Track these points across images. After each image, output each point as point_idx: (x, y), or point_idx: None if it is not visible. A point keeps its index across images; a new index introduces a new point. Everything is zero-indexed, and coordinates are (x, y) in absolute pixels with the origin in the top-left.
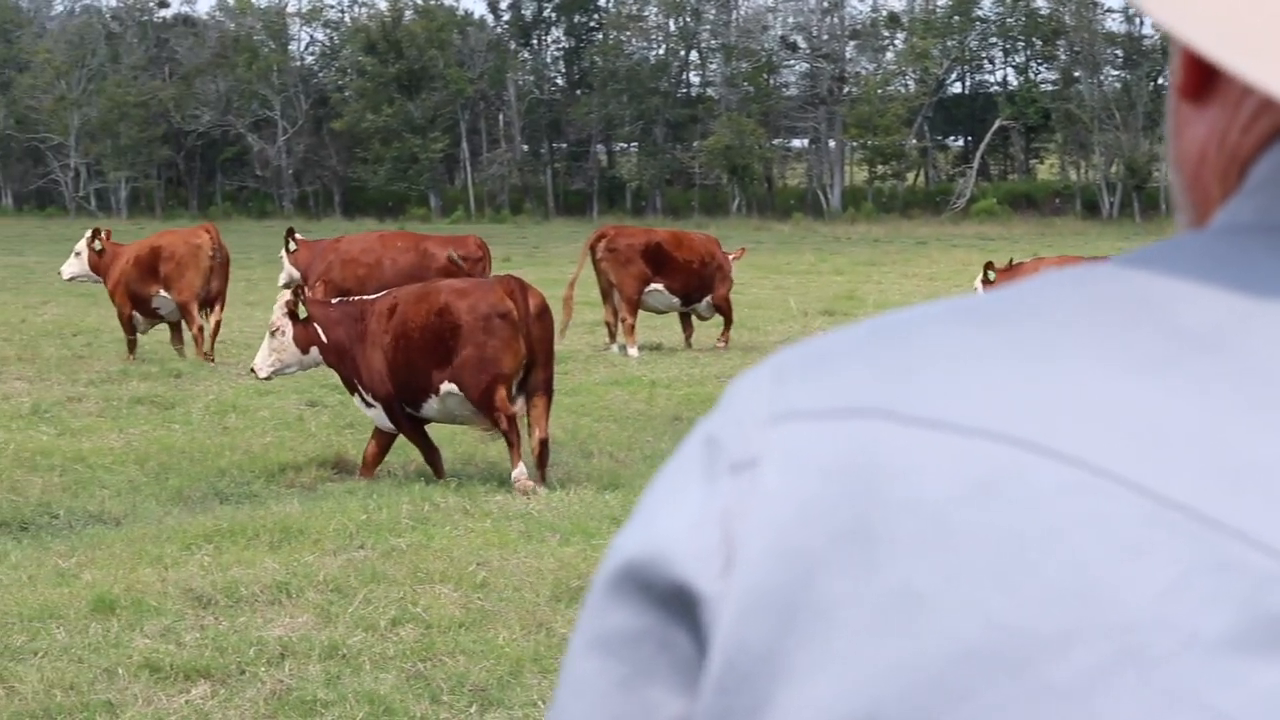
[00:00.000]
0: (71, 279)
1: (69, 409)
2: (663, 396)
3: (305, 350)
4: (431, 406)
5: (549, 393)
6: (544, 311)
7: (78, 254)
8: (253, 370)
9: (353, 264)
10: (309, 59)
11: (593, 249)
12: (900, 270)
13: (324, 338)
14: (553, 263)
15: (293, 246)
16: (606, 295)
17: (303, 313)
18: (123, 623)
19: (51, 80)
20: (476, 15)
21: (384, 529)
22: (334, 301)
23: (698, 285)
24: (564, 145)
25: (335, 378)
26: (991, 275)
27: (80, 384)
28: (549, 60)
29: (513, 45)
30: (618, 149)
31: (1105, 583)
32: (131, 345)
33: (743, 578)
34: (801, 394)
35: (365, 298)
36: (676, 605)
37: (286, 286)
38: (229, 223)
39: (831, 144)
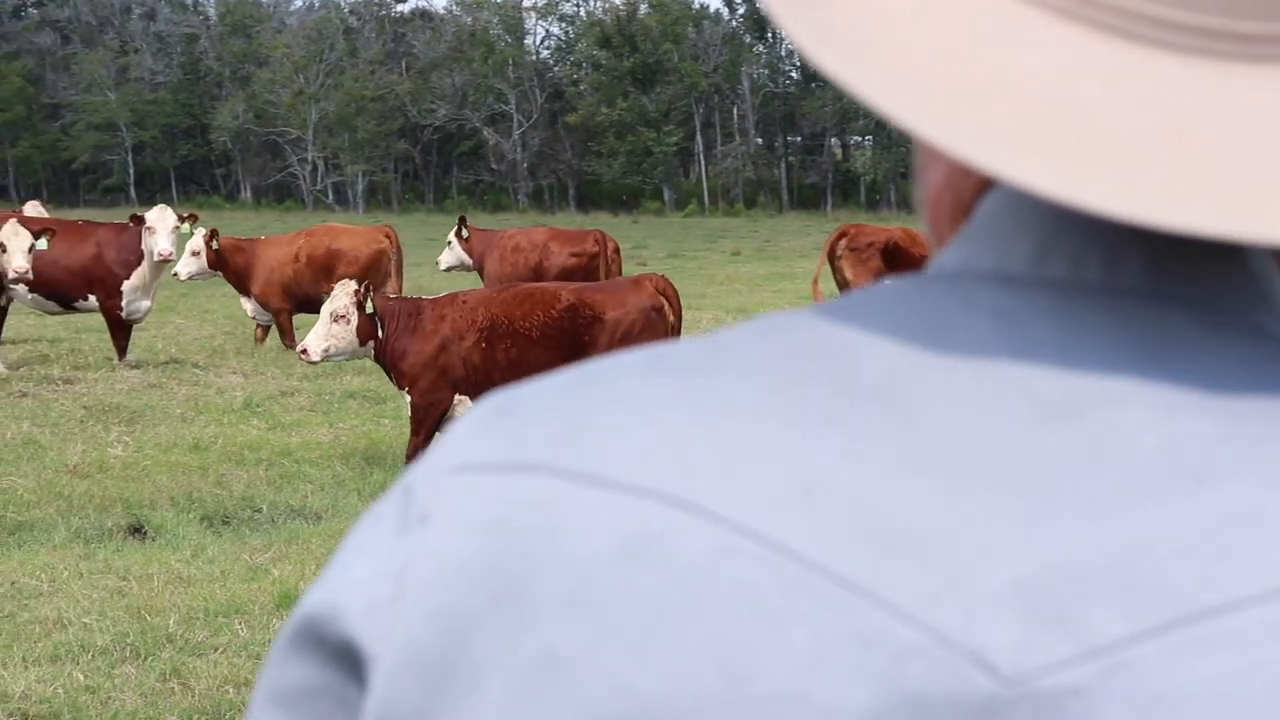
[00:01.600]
0: (189, 278)
1: (281, 403)
2: None
3: (363, 343)
4: None
5: None
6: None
7: (195, 254)
8: (303, 352)
9: (515, 256)
10: (544, 53)
11: (833, 247)
12: None
13: (381, 333)
14: (781, 257)
15: (465, 234)
16: (842, 291)
17: (369, 307)
18: None
19: (290, 75)
20: (711, 9)
21: None
22: (391, 298)
23: None
24: (798, 138)
25: None
26: None
27: (294, 378)
28: (784, 53)
29: (748, 38)
30: (852, 142)
31: (745, 653)
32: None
33: (398, 636)
34: (481, 445)
35: (424, 297)
36: (348, 662)
37: (449, 270)
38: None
39: None
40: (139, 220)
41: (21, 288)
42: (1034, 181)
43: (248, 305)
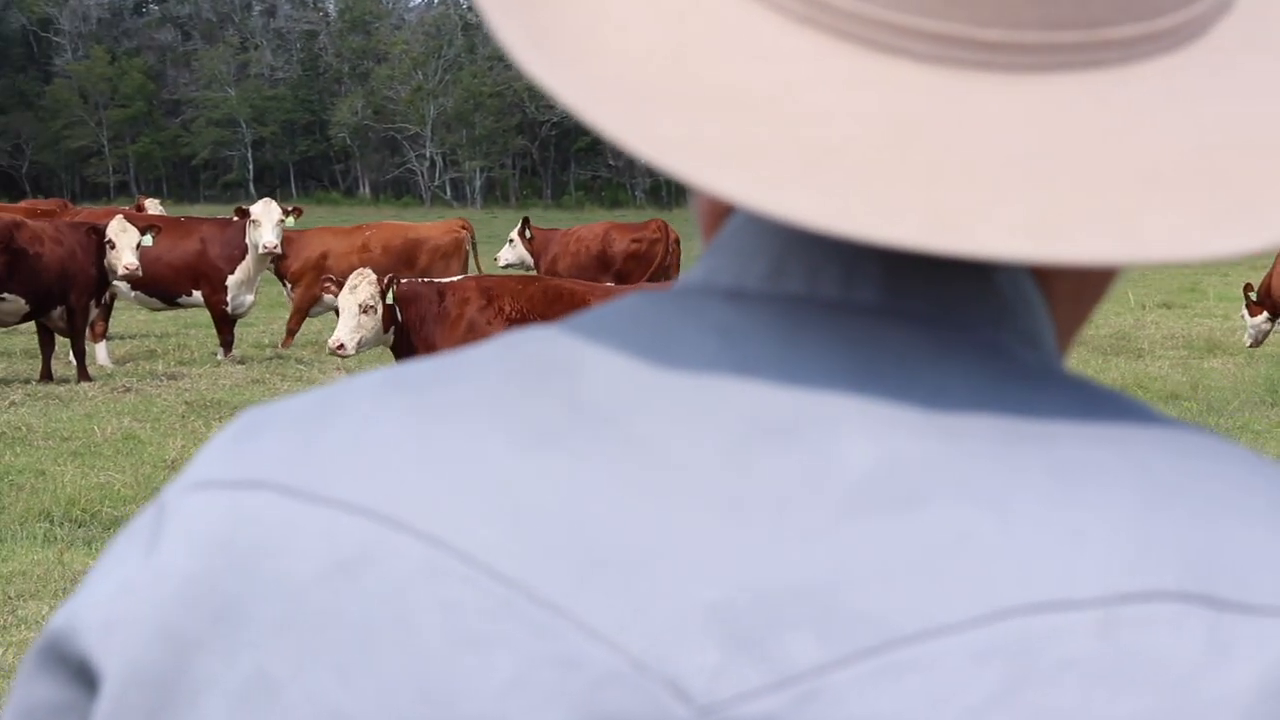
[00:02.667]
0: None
1: None
2: None
3: (386, 330)
4: None
5: None
6: None
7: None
8: (339, 347)
9: (579, 246)
10: None
11: None
12: (1250, 261)
13: (399, 318)
14: None
15: (529, 234)
16: None
17: (390, 298)
18: None
19: (408, 71)
20: None
21: None
22: (403, 282)
23: None
24: None
25: None
26: (1253, 295)
27: None
28: None
29: None
30: None
31: (446, 675)
32: None
33: (125, 655)
34: (222, 461)
35: (439, 280)
36: (87, 680)
37: (507, 267)
38: (581, 212)
39: None
40: (243, 214)
41: (124, 284)
42: (732, 190)
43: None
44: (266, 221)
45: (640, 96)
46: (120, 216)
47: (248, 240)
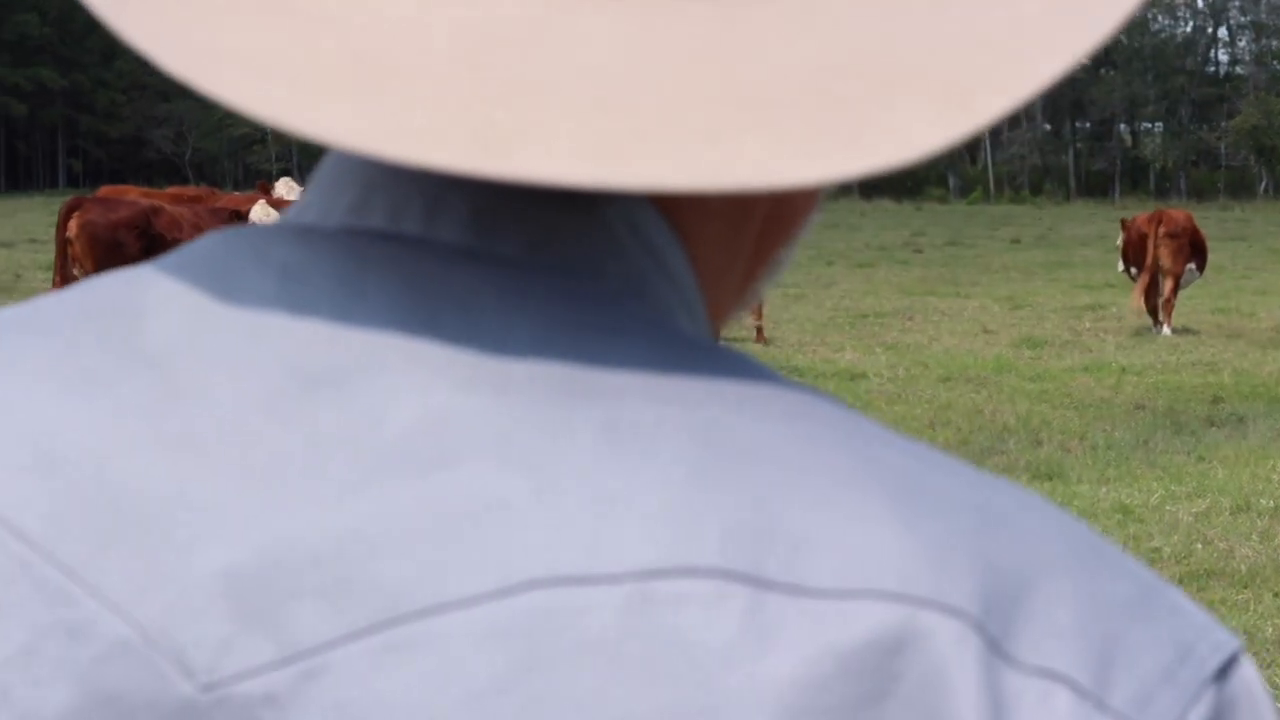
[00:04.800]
0: None
1: None
2: (1130, 383)
3: None
4: None
5: None
6: None
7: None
8: None
9: None
10: None
11: (1151, 232)
12: None
13: None
14: (1061, 246)
15: None
16: (1151, 277)
17: None
18: None
19: None
20: None
21: None
22: None
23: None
24: (1086, 124)
25: (796, 360)
26: None
27: None
28: None
29: None
30: (1141, 129)
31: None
32: None
33: None
34: None
35: None
36: None
37: None
38: None
39: None
40: None
41: None
42: (257, 106)
43: None
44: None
45: (182, 3)
46: (262, 201)
47: None
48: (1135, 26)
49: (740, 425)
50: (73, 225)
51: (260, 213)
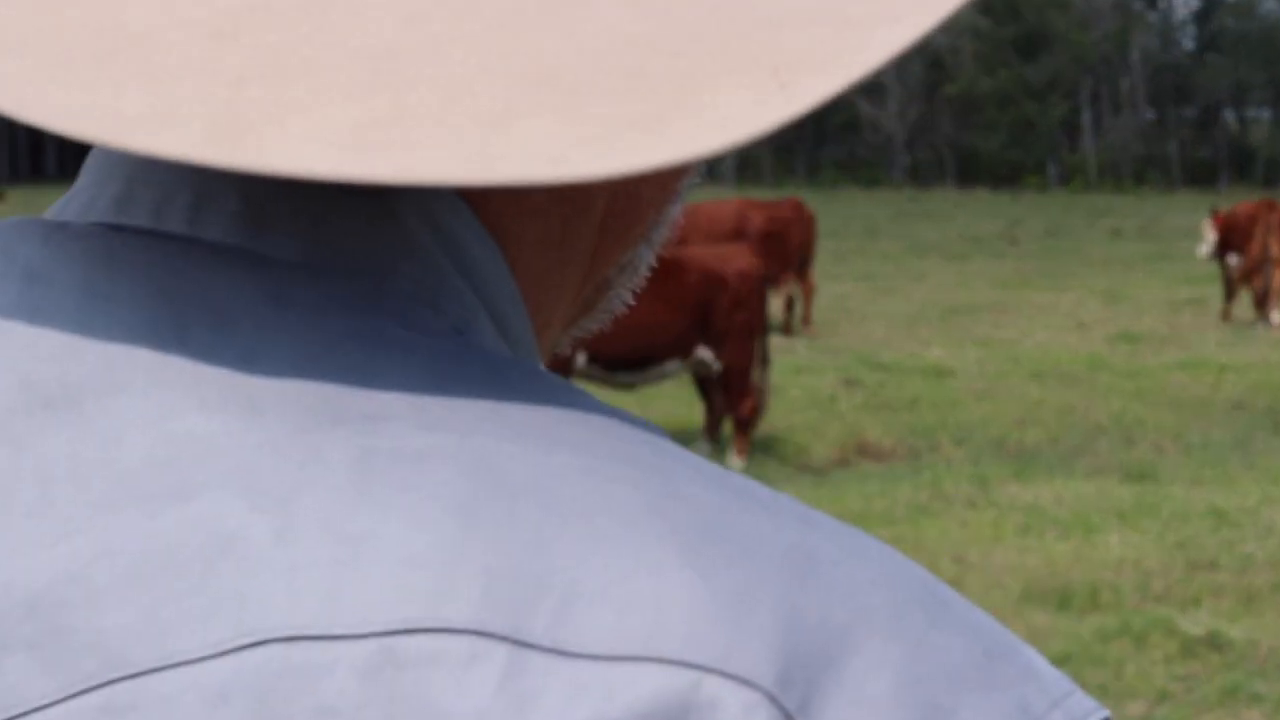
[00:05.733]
0: None
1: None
2: (1230, 382)
3: None
4: (658, 371)
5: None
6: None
7: None
8: None
9: (711, 226)
10: None
11: (1264, 220)
12: None
13: None
14: (1163, 238)
15: None
16: (1258, 268)
17: None
18: None
19: None
20: None
21: (874, 519)
22: None
23: None
24: (1191, 111)
25: (882, 355)
26: None
27: None
28: (1176, 22)
29: (1137, 5)
30: (1248, 116)
31: None
32: None
33: None
34: None
35: None
36: None
37: None
38: (835, 191)
39: None
40: None
41: None
42: None
43: None
44: None
45: None
46: None
47: None
48: (1241, 9)
49: (520, 456)
50: None
51: None
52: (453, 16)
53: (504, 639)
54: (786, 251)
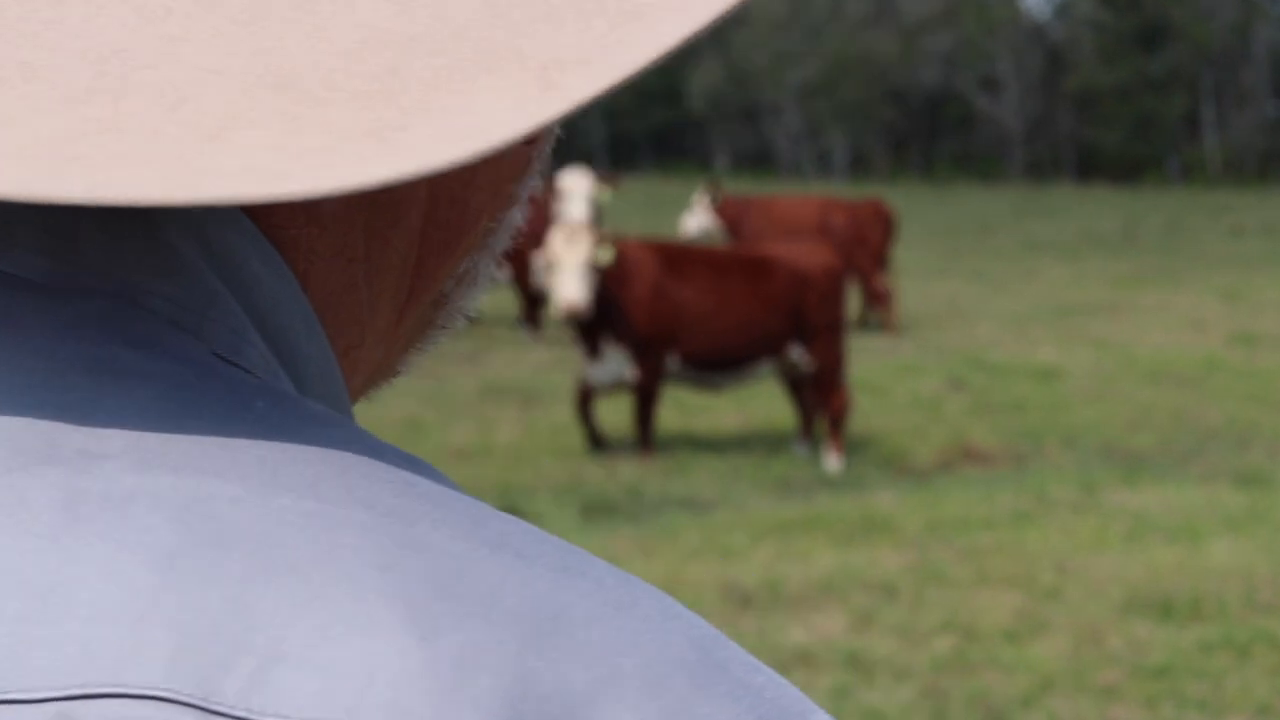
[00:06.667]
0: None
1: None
2: None
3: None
4: (750, 371)
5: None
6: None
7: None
8: (575, 307)
9: (789, 223)
10: (1040, 14)
11: None
12: None
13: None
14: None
15: (717, 199)
16: None
17: (605, 255)
18: None
19: (768, 36)
20: None
21: (975, 524)
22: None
23: None
24: None
25: (990, 356)
26: None
27: None
28: None
29: None
30: None
31: None
32: None
33: None
34: None
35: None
36: None
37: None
38: (951, 186)
39: None
40: (550, 186)
41: None
42: None
43: None
44: (575, 194)
45: None
46: None
47: (556, 215)
48: None
49: (240, 500)
50: None
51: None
52: (194, 12)
53: (191, 705)
54: (866, 251)
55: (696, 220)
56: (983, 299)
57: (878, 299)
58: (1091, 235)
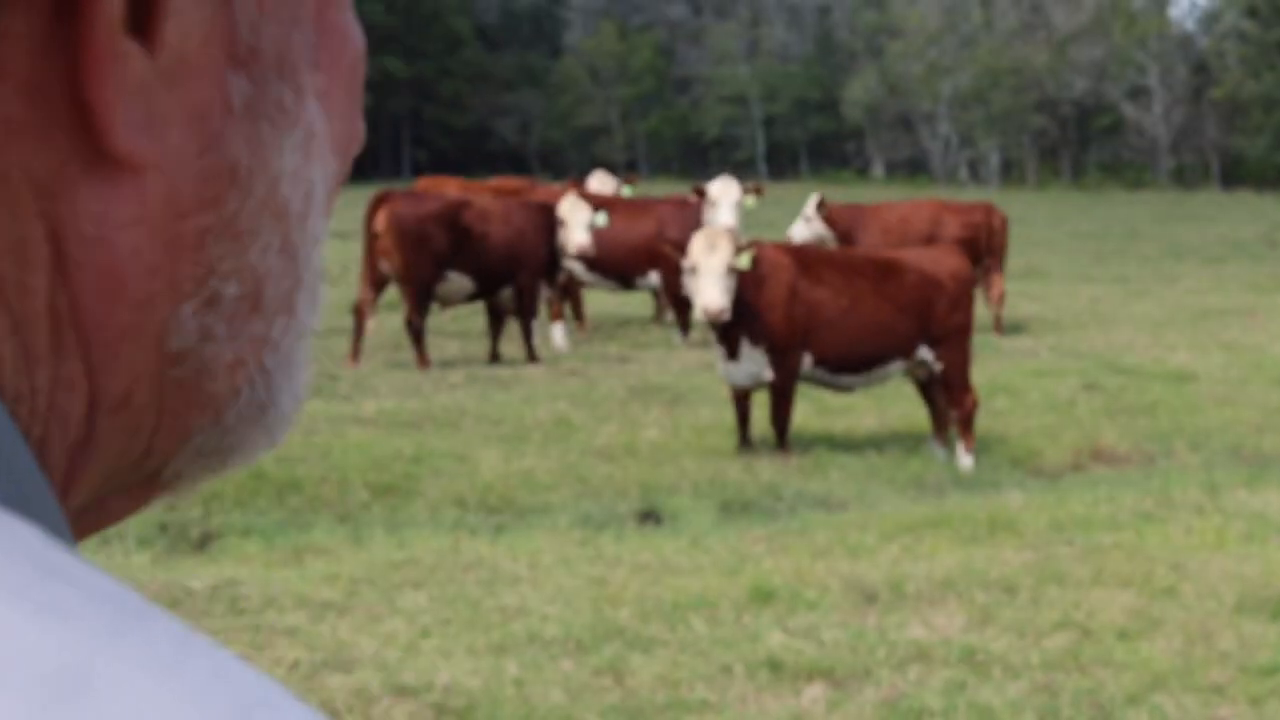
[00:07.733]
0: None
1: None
2: None
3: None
4: (881, 372)
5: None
6: None
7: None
8: (720, 311)
9: (903, 228)
10: (1189, 24)
11: None
12: None
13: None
14: None
15: (823, 209)
16: None
17: (744, 260)
18: (770, 616)
19: (923, 47)
20: None
21: (1098, 524)
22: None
23: None
24: None
25: (1126, 359)
26: None
27: None
28: None
29: None
30: None
31: None
32: None
33: None
34: None
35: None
36: None
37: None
38: (1099, 193)
39: None
40: (701, 193)
41: (579, 265)
42: None
43: None
44: (724, 202)
45: None
46: (572, 194)
47: (704, 221)
48: None
49: None
50: (380, 219)
51: (569, 206)
52: None
53: None
54: (977, 255)
55: (807, 228)
56: (1124, 303)
57: (990, 300)
58: (1233, 241)
